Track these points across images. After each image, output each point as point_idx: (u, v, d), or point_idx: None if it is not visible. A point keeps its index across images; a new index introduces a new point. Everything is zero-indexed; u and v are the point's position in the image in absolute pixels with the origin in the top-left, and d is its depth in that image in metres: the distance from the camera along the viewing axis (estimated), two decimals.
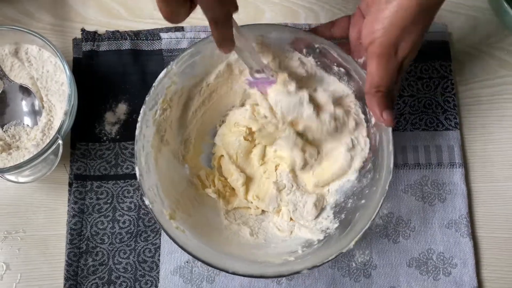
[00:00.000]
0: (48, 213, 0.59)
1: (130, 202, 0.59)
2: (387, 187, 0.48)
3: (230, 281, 0.57)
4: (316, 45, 0.53)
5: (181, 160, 0.57)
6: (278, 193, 0.56)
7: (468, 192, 0.60)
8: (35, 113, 0.58)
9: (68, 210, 0.58)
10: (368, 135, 0.54)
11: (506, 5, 0.59)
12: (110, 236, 0.58)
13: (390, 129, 0.50)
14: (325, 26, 0.54)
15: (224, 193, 0.58)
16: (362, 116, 0.54)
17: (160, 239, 0.58)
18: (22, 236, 0.58)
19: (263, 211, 0.57)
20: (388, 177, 0.49)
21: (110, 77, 0.62)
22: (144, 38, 0.63)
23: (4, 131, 0.57)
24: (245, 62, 0.51)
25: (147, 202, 0.48)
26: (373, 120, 0.53)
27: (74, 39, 0.64)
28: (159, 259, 0.57)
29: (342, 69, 0.54)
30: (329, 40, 0.53)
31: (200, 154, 0.59)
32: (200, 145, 0.59)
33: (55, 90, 0.58)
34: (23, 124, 0.58)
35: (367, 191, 0.52)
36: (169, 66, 0.51)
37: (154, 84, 0.50)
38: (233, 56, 0.54)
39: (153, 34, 0.64)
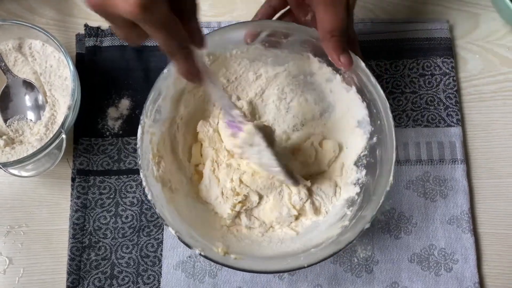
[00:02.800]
0: (51, 207, 0.59)
1: (133, 197, 0.59)
2: (391, 120, 0.50)
3: (232, 276, 0.57)
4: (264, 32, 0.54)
5: (196, 197, 0.56)
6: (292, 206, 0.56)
7: (470, 188, 0.60)
8: (38, 108, 0.58)
9: (71, 204, 0.59)
10: (346, 82, 0.55)
11: (508, 2, 0.59)
12: (113, 231, 0.58)
13: (362, 65, 0.51)
14: (264, 8, 0.55)
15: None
16: (330, 69, 0.55)
17: (162, 234, 0.58)
18: (25, 231, 0.58)
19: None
20: (385, 105, 0.50)
21: (113, 72, 0.62)
22: None
23: (8, 126, 0.57)
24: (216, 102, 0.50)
25: (197, 252, 0.47)
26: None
27: (77, 35, 0.64)
28: (161, 254, 0.57)
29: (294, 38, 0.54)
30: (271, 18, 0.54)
31: None
32: None
33: (58, 85, 0.58)
34: (27, 118, 0.58)
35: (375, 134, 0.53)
36: (141, 121, 0.50)
37: (137, 145, 0.49)
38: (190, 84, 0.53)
39: None
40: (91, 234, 0.58)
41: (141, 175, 0.48)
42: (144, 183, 0.48)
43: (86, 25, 0.64)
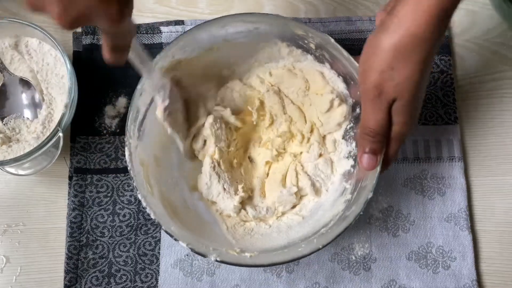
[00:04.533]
0: (48, 206, 0.59)
1: (130, 196, 0.59)
2: None
3: (230, 274, 0.57)
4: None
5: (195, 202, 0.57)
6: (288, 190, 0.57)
7: (467, 186, 0.60)
8: (35, 106, 0.58)
9: (68, 203, 0.58)
10: (318, 61, 0.55)
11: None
12: (110, 229, 0.58)
13: (332, 41, 0.51)
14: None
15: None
16: (300, 51, 0.55)
17: (160, 232, 0.58)
18: (22, 229, 0.58)
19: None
20: None
21: (110, 70, 0.62)
22: (144, 32, 0.63)
23: (4, 124, 0.57)
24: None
25: (213, 259, 0.48)
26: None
27: (74, 33, 0.64)
28: (159, 252, 0.57)
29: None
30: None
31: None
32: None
33: (55, 83, 0.58)
34: (23, 117, 0.58)
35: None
36: (126, 143, 0.50)
37: (128, 167, 0.50)
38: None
39: (153, 28, 0.64)
40: (88, 232, 0.58)
41: (139, 196, 0.48)
42: (144, 204, 0.48)
43: None
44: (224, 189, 0.55)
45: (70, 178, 0.59)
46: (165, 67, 0.53)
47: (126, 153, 0.50)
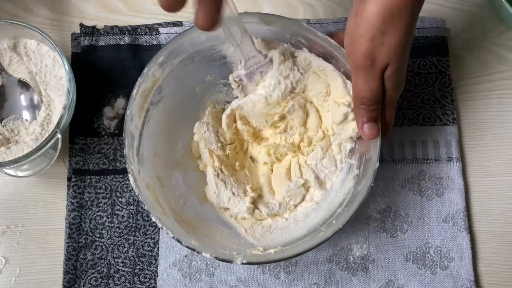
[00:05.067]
0: (47, 207, 0.59)
1: (129, 197, 0.59)
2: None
3: (228, 275, 0.57)
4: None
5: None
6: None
7: (465, 187, 0.60)
8: (33, 108, 0.58)
9: (67, 204, 0.58)
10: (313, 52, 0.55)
11: (503, 0, 0.59)
12: (109, 230, 0.58)
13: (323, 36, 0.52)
14: None
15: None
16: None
17: (158, 233, 0.58)
18: (21, 230, 0.58)
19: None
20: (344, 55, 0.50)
21: (108, 72, 0.62)
22: (142, 33, 0.63)
23: (3, 126, 0.57)
24: (234, 47, 0.51)
25: (239, 262, 0.48)
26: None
27: (73, 34, 0.64)
28: (157, 253, 0.57)
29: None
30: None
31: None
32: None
33: (53, 85, 0.58)
34: (22, 118, 0.58)
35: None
36: (128, 169, 0.50)
37: (135, 193, 0.50)
38: None
39: (152, 29, 0.64)
40: (87, 233, 0.58)
41: (153, 219, 0.48)
42: (159, 225, 0.48)
43: (81, 25, 0.63)
44: (233, 193, 0.55)
45: (69, 179, 0.59)
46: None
47: (131, 179, 0.49)
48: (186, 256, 0.57)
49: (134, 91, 0.52)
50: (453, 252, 0.58)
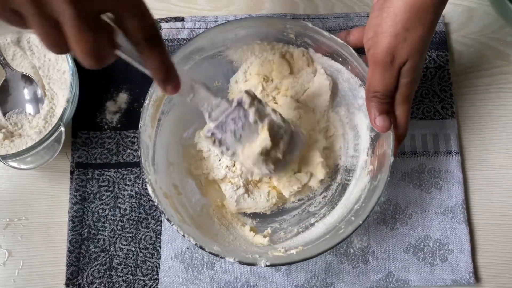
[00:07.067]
0: (50, 200, 0.59)
1: (131, 190, 0.59)
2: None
3: (230, 267, 0.57)
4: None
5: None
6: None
7: (464, 180, 0.61)
8: (37, 101, 0.59)
9: (70, 197, 0.59)
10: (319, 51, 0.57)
11: None
12: (112, 223, 0.58)
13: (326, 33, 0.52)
14: (341, 35, 0.55)
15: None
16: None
17: (161, 226, 0.58)
18: (25, 223, 0.59)
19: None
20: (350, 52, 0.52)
21: (111, 66, 0.62)
22: None
23: (7, 119, 0.58)
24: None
25: (263, 264, 0.49)
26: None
27: None
28: (160, 246, 0.58)
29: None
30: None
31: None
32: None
33: (57, 79, 0.58)
34: (25, 112, 0.58)
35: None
36: (146, 179, 0.50)
37: (155, 203, 0.50)
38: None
39: None
40: (90, 226, 0.58)
41: (175, 228, 0.49)
42: (181, 233, 0.48)
43: None
44: (261, 196, 0.57)
45: (72, 172, 0.60)
46: None
47: (150, 190, 0.50)
48: (188, 248, 0.58)
49: (146, 101, 0.52)
50: (452, 244, 0.59)
